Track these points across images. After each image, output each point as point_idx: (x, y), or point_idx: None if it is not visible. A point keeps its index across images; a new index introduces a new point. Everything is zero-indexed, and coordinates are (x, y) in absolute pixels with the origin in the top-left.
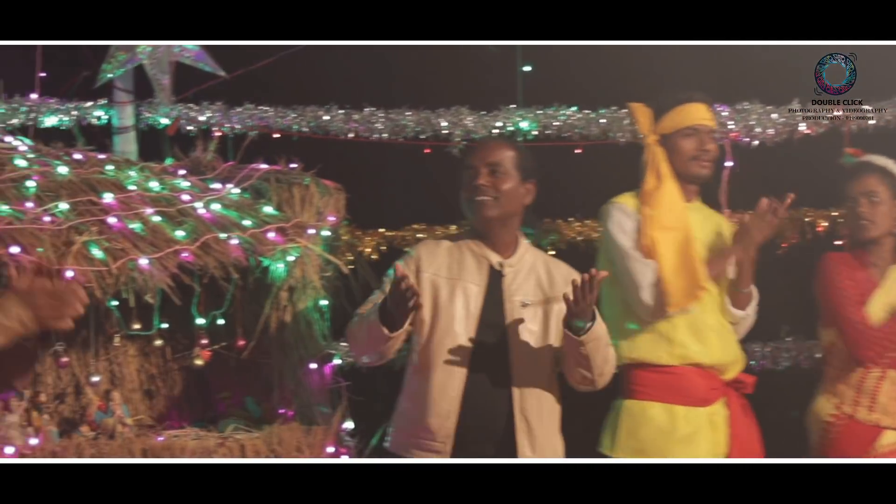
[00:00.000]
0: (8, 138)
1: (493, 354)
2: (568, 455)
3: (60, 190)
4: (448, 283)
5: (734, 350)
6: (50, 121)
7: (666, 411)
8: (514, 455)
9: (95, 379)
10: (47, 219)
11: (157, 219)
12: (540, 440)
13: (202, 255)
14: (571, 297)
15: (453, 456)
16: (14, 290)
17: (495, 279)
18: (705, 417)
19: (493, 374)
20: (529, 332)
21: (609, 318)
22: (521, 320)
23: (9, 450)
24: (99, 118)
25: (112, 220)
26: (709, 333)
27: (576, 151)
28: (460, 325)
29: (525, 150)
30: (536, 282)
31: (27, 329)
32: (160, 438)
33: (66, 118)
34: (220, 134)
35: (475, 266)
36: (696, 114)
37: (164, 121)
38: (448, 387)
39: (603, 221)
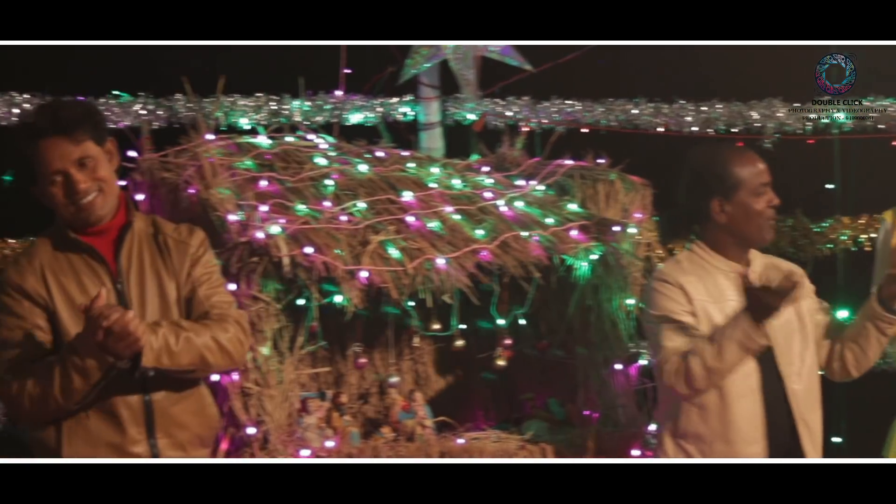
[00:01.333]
0: (311, 136)
1: (768, 368)
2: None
3: (359, 188)
4: (716, 307)
5: None
6: (355, 118)
7: None
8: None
9: (394, 380)
10: (344, 218)
11: (456, 217)
12: (818, 440)
13: (501, 254)
14: None
15: None
16: None
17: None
18: None
19: (773, 387)
20: (791, 336)
21: None
22: (781, 326)
23: (305, 452)
24: (405, 114)
25: (410, 218)
26: None
27: (892, 144)
28: None
29: None
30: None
31: None
32: (460, 441)
33: (371, 115)
34: (527, 129)
35: (728, 282)
36: None
37: (471, 116)
38: (753, 414)
39: None
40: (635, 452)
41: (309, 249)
